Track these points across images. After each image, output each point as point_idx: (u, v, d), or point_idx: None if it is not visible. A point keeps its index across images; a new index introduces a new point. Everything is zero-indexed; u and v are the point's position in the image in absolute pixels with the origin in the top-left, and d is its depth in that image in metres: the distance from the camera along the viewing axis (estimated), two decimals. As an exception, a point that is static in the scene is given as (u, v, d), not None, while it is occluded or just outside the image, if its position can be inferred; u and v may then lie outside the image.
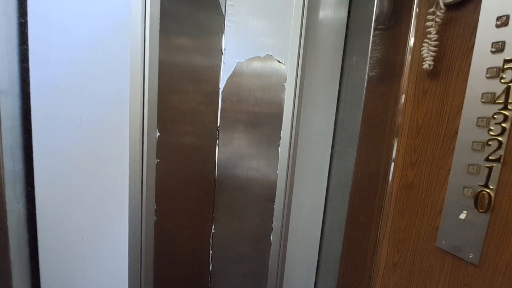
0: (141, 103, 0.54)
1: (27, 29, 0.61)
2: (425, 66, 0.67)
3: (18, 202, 0.68)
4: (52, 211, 0.67)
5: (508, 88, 0.55)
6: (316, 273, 0.97)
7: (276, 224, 0.74)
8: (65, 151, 0.64)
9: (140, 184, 0.57)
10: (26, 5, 0.60)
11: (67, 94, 0.61)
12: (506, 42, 0.55)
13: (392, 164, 0.78)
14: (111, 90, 0.58)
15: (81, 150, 0.62)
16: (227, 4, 0.71)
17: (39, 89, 0.63)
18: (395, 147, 0.77)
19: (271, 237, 0.75)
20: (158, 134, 0.58)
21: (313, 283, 0.98)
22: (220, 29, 0.72)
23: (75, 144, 0.62)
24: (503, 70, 0.55)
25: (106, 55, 0.58)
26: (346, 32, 0.84)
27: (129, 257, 0.59)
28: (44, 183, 0.66)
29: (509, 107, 0.54)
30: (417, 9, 0.72)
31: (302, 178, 0.86)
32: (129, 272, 0.60)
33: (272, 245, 0.75)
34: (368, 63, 0.76)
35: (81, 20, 0.58)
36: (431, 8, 0.66)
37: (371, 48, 0.75)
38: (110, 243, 0.64)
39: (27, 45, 0.61)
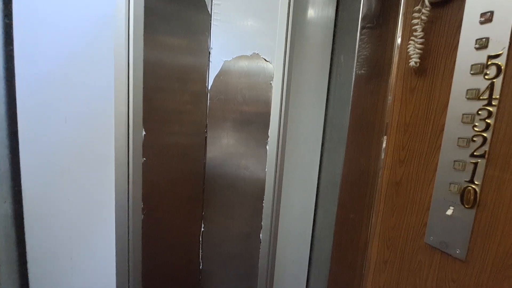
0: (126, 102, 0.54)
1: (12, 30, 0.61)
2: (412, 63, 0.67)
3: (5, 202, 0.68)
4: (39, 210, 0.67)
5: (492, 84, 0.55)
6: (308, 271, 0.97)
7: (265, 222, 0.74)
8: (51, 150, 0.64)
9: (127, 182, 0.57)
10: (11, 7, 0.60)
11: (53, 94, 0.61)
12: (490, 39, 0.55)
13: (381, 161, 0.78)
14: (97, 90, 0.59)
15: (67, 150, 0.62)
16: (213, 3, 0.72)
17: (25, 89, 0.63)
18: (384, 144, 0.77)
19: (261, 235, 0.75)
20: (144, 133, 0.58)
21: (305, 281, 0.98)
22: (206, 28, 0.72)
23: (61, 144, 0.63)
24: (487, 66, 0.56)
25: (91, 55, 0.58)
26: (334, 30, 0.84)
27: (116, 255, 0.59)
28: (31, 183, 0.67)
29: (493, 103, 0.55)
30: (404, 8, 0.72)
31: (292, 177, 0.86)
32: (116, 270, 0.60)
33: (261, 243, 0.75)
34: (355, 62, 0.76)
35: (66, 22, 0.59)
36: (417, 6, 0.66)
37: (359, 46, 0.76)
38: (98, 242, 0.64)
39: (12, 45, 0.62)
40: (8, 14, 0.62)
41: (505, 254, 0.54)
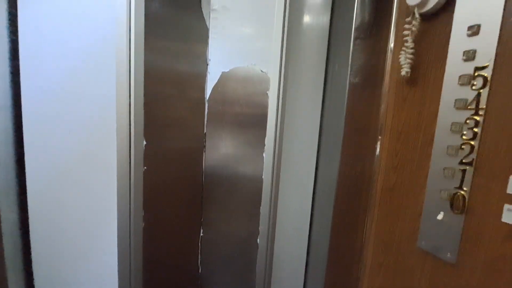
0: (127, 114, 0.56)
1: (18, 45, 0.63)
2: (403, 73, 0.70)
3: (12, 212, 0.70)
4: (44, 219, 0.70)
5: (478, 95, 0.57)
6: (305, 274, 0.99)
7: (262, 227, 0.76)
8: (55, 160, 0.66)
9: (128, 191, 0.59)
10: (17, 23, 0.63)
11: (57, 106, 0.64)
12: (477, 51, 0.57)
13: (375, 168, 0.80)
14: (99, 102, 0.61)
15: (70, 160, 0.65)
16: (211, 17, 0.74)
17: (30, 101, 0.66)
18: (377, 151, 0.80)
19: (258, 240, 0.77)
20: (145, 143, 0.60)
21: (302, 285, 0.99)
22: (204, 40, 0.75)
23: (65, 154, 0.65)
24: (474, 77, 0.58)
25: (93, 68, 0.60)
26: (329, 41, 0.86)
27: (118, 262, 0.61)
28: (36, 192, 0.69)
29: (480, 113, 0.57)
30: (396, 19, 0.75)
31: (288, 183, 0.88)
32: (118, 277, 0.62)
33: (259, 248, 0.77)
34: (349, 71, 0.78)
35: (70, 36, 0.61)
36: (408, 17, 0.68)
37: (352, 56, 0.78)
38: (100, 248, 0.66)
39: (18, 60, 0.64)
40: (14, 31, 0.65)
41: (493, 259, 0.56)
